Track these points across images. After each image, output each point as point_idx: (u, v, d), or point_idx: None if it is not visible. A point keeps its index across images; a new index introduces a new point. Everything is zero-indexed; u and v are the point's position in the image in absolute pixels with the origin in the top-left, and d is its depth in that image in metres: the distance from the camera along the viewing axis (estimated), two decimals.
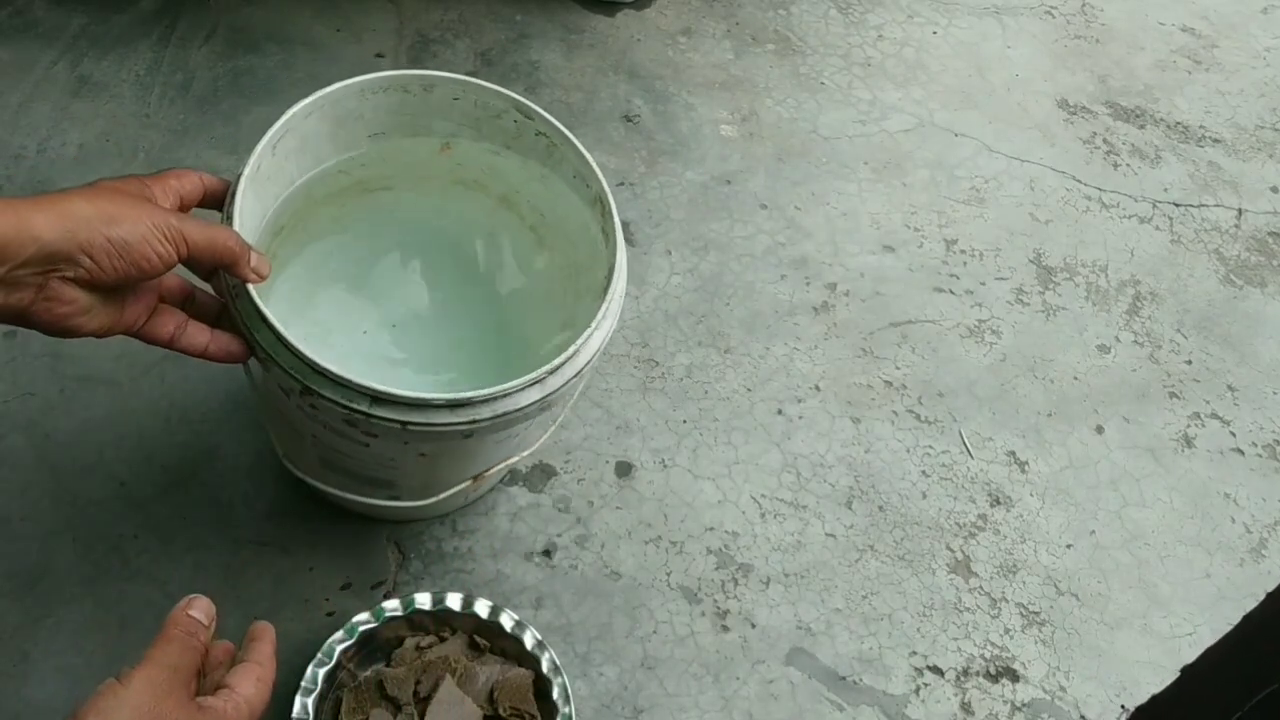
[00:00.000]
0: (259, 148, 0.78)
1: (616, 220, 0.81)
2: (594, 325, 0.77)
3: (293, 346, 0.71)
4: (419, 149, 0.93)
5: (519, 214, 0.97)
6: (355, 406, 0.71)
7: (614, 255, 0.79)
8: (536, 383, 0.75)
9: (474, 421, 0.73)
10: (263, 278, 0.72)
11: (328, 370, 0.71)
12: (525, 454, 0.91)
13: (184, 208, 0.73)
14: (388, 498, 0.87)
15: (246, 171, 0.76)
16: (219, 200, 0.76)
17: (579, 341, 0.76)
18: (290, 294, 0.95)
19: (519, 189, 0.95)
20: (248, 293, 0.73)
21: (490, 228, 1.00)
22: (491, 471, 0.88)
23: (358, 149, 0.91)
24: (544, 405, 0.76)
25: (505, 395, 0.73)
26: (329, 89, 0.83)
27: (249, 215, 0.77)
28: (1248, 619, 0.57)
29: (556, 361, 0.75)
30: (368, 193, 0.97)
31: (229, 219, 0.75)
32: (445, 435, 0.74)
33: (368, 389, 0.71)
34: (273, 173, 0.83)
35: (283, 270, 0.94)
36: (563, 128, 0.86)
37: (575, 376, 0.77)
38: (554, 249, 0.96)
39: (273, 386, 0.82)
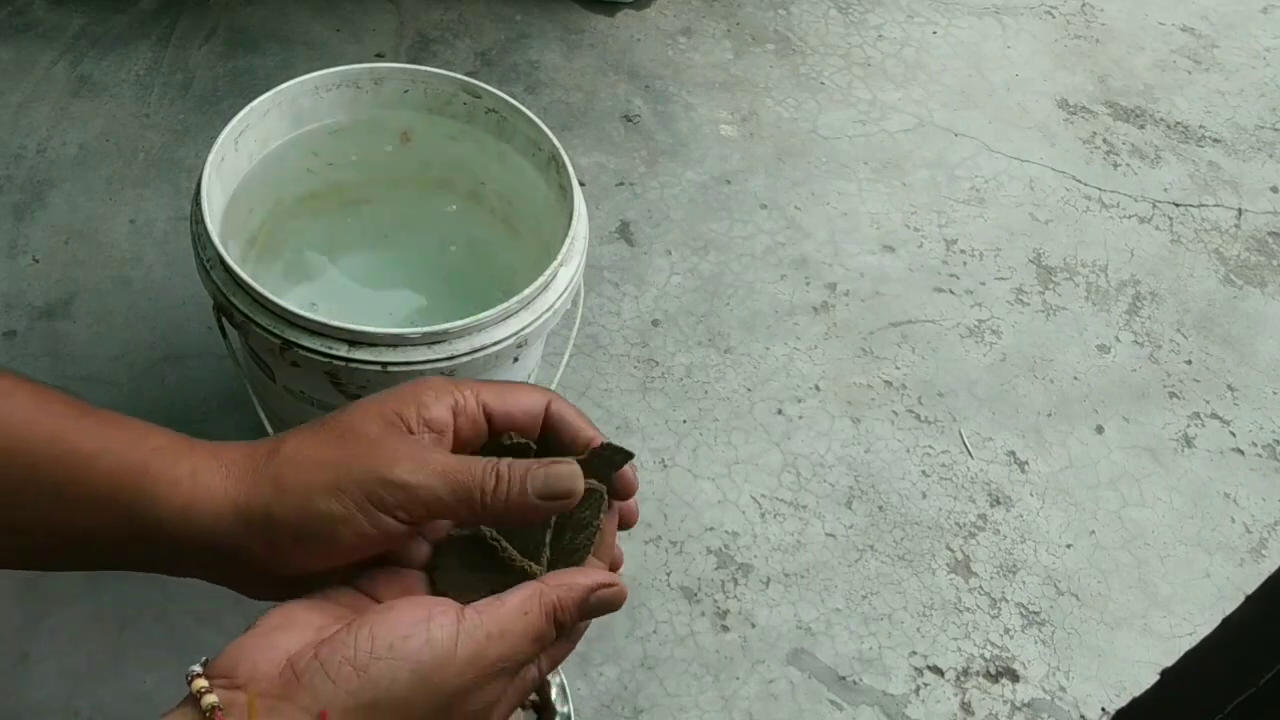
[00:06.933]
0: (220, 139, 0.81)
1: (571, 172, 0.85)
2: (560, 259, 0.79)
3: (268, 301, 0.73)
4: (381, 142, 0.95)
5: (489, 208, 1.00)
6: (334, 353, 0.72)
7: (572, 203, 0.83)
8: (510, 315, 0.77)
9: (453, 358, 0.74)
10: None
11: (302, 317, 0.72)
12: None
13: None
14: None
15: (211, 158, 0.80)
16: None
17: (546, 274, 0.78)
18: None
19: (484, 181, 0.97)
20: (222, 261, 0.75)
21: (464, 227, 1.02)
22: None
23: (320, 144, 0.93)
24: (520, 341, 0.77)
25: (481, 328, 0.75)
26: (283, 86, 0.87)
27: (214, 200, 0.81)
28: (1226, 622, 0.56)
29: (527, 292, 0.77)
30: (343, 204, 0.99)
31: (198, 205, 0.77)
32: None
33: (344, 330, 0.72)
34: (236, 167, 0.86)
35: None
36: (509, 98, 0.90)
37: (547, 311, 0.79)
38: (524, 234, 0.98)
39: (257, 373, 0.82)
